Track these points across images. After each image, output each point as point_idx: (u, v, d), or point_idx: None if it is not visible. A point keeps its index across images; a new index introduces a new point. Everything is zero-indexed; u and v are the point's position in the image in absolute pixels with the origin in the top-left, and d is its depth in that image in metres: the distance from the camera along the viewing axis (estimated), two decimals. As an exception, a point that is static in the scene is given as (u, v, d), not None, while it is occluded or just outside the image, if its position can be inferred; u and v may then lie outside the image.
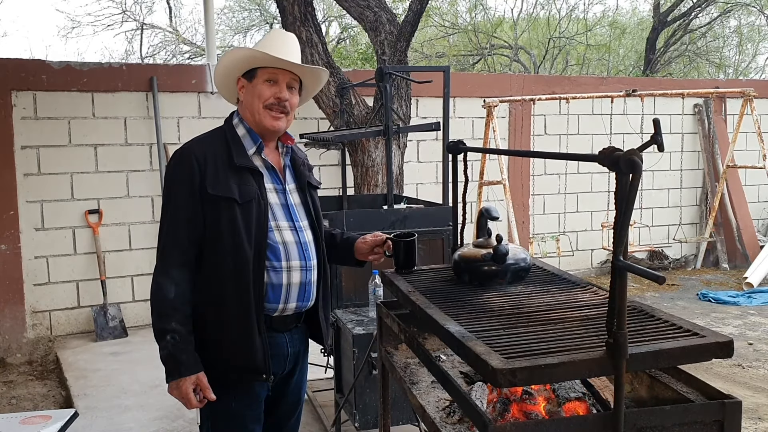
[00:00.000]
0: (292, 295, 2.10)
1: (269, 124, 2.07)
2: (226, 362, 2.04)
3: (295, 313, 2.14)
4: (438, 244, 3.51)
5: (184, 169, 2.02)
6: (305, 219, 2.17)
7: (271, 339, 2.08)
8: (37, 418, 2.28)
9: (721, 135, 8.22)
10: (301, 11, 5.54)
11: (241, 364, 2.03)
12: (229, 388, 2.06)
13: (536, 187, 7.47)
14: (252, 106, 2.08)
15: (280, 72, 2.07)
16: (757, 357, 4.97)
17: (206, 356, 2.02)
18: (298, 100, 2.17)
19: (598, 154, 1.33)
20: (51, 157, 5.64)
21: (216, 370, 2.04)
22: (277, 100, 2.06)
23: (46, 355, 5.47)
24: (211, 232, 2.00)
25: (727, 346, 1.43)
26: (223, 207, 1.98)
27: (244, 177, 2.03)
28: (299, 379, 2.28)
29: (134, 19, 14.61)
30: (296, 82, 2.13)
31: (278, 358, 2.12)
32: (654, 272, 1.29)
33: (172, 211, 2.04)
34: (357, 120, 5.72)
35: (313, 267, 2.15)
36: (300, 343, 2.22)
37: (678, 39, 14.03)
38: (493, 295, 1.89)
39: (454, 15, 15.22)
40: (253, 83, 2.09)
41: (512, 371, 1.31)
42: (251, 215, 2.01)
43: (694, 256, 8.38)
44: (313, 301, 2.18)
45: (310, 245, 2.14)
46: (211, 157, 2.02)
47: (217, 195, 1.98)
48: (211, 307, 2.02)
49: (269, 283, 2.05)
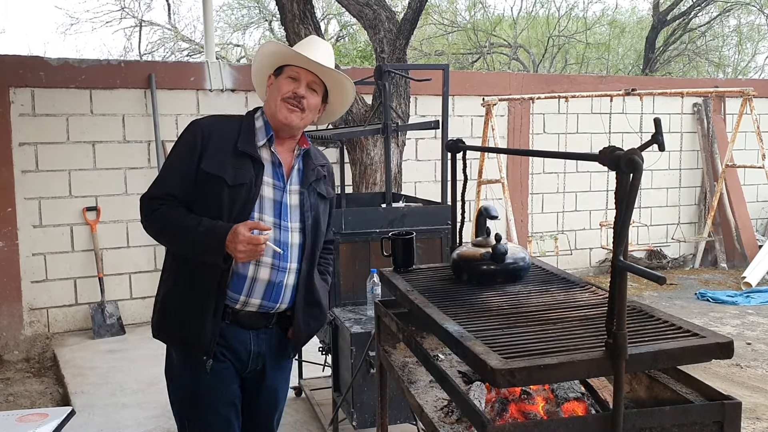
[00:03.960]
0: (257, 290, 2.09)
1: (282, 116, 2.10)
2: (177, 335, 2.11)
3: (260, 311, 2.12)
4: (436, 243, 3.51)
5: (188, 137, 2.11)
6: (297, 222, 2.15)
7: (232, 331, 2.10)
8: (33, 415, 2.27)
9: (720, 134, 8.22)
10: (300, 9, 5.53)
11: (187, 338, 2.08)
12: (188, 368, 2.11)
13: (535, 186, 7.46)
14: (272, 99, 2.15)
15: (303, 72, 2.13)
16: (756, 357, 4.97)
17: (165, 325, 2.13)
18: (318, 102, 2.18)
19: (599, 153, 1.32)
20: (49, 154, 5.63)
21: (173, 344, 2.15)
22: (294, 94, 2.11)
23: (43, 353, 5.45)
24: (195, 206, 2.07)
25: (727, 347, 1.42)
26: (212, 185, 2.04)
27: (242, 162, 2.07)
28: (273, 383, 2.25)
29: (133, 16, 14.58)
30: (318, 86, 2.17)
31: (238, 353, 2.13)
32: (654, 272, 1.28)
33: (169, 160, 2.15)
34: (356, 118, 5.71)
35: (289, 270, 2.13)
36: (267, 346, 2.19)
37: (677, 38, 14.03)
38: (491, 294, 1.88)
39: (454, 13, 15.22)
40: (278, 79, 2.16)
41: (511, 371, 1.31)
42: (238, 199, 2.04)
43: (692, 255, 8.38)
44: (286, 304, 2.16)
45: (292, 248, 2.13)
46: (217, 135, 2.09)
47: (208, 172, 2.04)
48: (178, 278, 2.11)
49: (235, 272, 2.06)
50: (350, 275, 3.44)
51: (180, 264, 2.12)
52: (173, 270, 2.14)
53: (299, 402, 4.11)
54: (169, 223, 2.08)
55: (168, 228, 2.09)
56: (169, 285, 2.15)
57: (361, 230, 3.40)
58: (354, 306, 3.43)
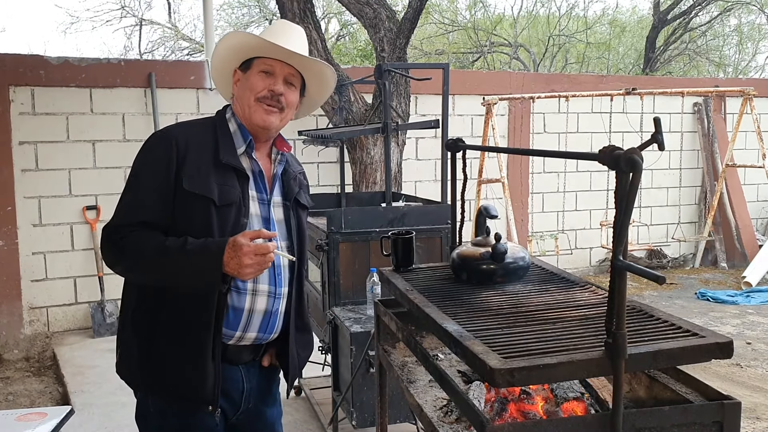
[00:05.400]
0: (254, 323, 1.83)
1: (259, 119, 1.82)
2: (169, 384, 1.77)
3: (253, 344, 1.87)
4: (436, 242, 3.50)
5: (159, 152, 1.75)
6: (284, 239, 1.91)
7: (224, 372, 1.80)
8: (32, 415, 2.27)
9: (720, 134, 8.21)
10: (300, 7, 5.53)
11: (186, 389, 1.76)
12: (169, 419, 1.81)
13: (535, 185, 7.46)
14: (243, 99, 1.85)
15: (277, 63, 1.83)
16: (756, 356, 4.97)
17: (148, 373, 1.78)
18: (297, 98, 1.91)
19: (599, 152, 1.32)
20: (49, 152, 5.63)
21: (156, 394, 1.81)
22: (270, 93, 1.82)
23: (43, 352, 5.45)
24: (174, 233, 1.73)
25: (726, 347, 1.42)
26: (197, 207, 1.73)
27: (227, 177, 1.78)
28: (272, 419, 2.01)
29: (133, 15, 14.58)
30: (296, 79, 1.88)
31: (232, 395, 1.85)
32: (654, 272, 1.28)
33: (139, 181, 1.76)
34: (356, 117, 5.71)
35: (283, 295, 1.89)
36: (257, 379, 1.93)
37: (678, 37, 14.02)
38: (491, 293, 1.88)
39: (454, 12, 15.21)
40: (248, 74, 1.86)
41: (510, 371, 1.30)
42: (228, 222, 1.75)
43: (692, 255, 8.38)
44: (277, 333, 1.91)
45: (284, 270, 1.89)
46: (194, 146, 1.77)
47: (193, 192, 1.72)
48: (165, 317, 1.75)
49: (230, 305, 1.78)
50: (350, 274, 3.43)
51: (159, 297, 1.76)
52: (148, 307, 1.77)
53: (299, 401, 4.11)
54: (145, 249, 1.70)
55: (145, 255, 1.70)
56: (143, 326, 1.78)
57: (360, 229, 3.40)
58: (354, 305, 3.43)
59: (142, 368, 1.79)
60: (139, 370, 1.80)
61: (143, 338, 1.78)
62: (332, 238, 3.34)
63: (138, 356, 1.79)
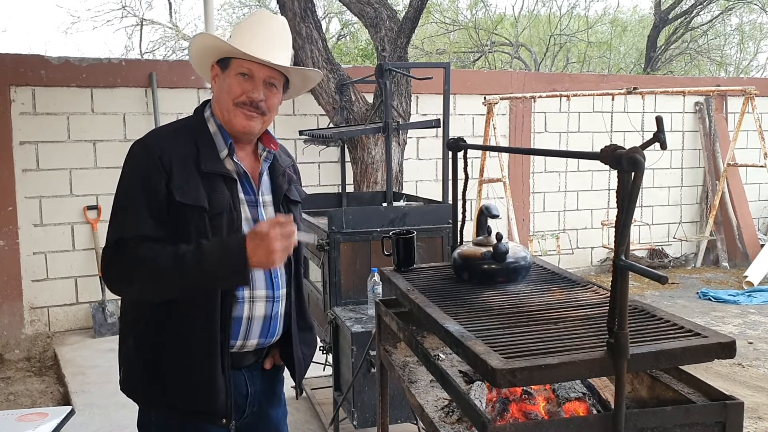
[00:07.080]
0: (254, 330, 1.80)
1: (240, 125, 1.75)
2: (180, 401, 1.74)
3: (256, 349, 1.85)
4: (437, 242, 3.50)
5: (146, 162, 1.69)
6: None
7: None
8: (33, 415, 2.27)
9: (721, 133, 8.21)
10: (301, 7, 5.52)
11: (199, 404, 1.72)
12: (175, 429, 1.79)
13: (536, 184, 7.45)
14: (222, 102, 1.77)
15: (256, 66, 1.73)
16: (758, 356, 4.96)
17: (157, 391, 1.74)
18: (280, 98, 1.83)
19: (600, 152, 1.31)
20: (49, 152, 5.63)
21: (165, 409, 1.77)
22: (249, 99, 1.74)
23: (44, 352, 5.46)
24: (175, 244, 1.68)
25: (729, 347, 1.41)
26: (191, 217, 1.68)
27: (214, 183, 1.72)
28: (276, 420, 1.99)
29: (134, 15, 14.58)
30: (278, 79, 1.79)
31: (237, 400, 1.81)
32: (656, 272, 1.27)
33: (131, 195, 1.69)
34: (357, 117, 5.70)
35: (281, 297, 1.85)
36: (260, 381, 1.91)
37: (679, 37, 14.01)
38: (492, 293, 1.87)
39: (455, 12, 15.20)
40: (225, 74, 1.76)
41: (512, 371, 1.30)
42: (221, 230, 1.70)
43: (694, 254, 8.37)
44: (279, 336, 1.88)
45: (280, 272, 1.84)
46: (177, 160, 1.70)
47: (185, 203, 1.67)
48: (169, 333, 1.71)
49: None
50: (351, 274, 3.43)
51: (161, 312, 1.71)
52: (150, 323, 1.72)
53: (300, 401, 4.10)
54: (159, 257, 1.63)
55: (162, 262, 1.62)
56: (146, 343, 1.73)
57: (361, 229, 3.39)
58: (355, 305, 3.43)
59: (152, 386, 1.75)
60: (149, 387, 1.76)
61: (148, 356, 1.73)
62: (333, 238, 3.34)
63: (145, 375, 1.75)
